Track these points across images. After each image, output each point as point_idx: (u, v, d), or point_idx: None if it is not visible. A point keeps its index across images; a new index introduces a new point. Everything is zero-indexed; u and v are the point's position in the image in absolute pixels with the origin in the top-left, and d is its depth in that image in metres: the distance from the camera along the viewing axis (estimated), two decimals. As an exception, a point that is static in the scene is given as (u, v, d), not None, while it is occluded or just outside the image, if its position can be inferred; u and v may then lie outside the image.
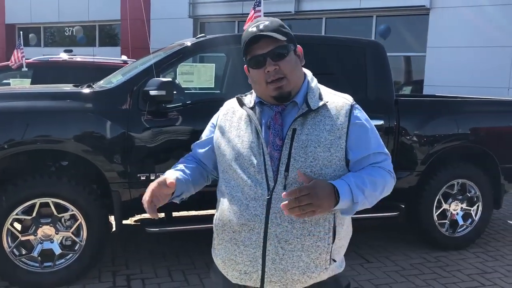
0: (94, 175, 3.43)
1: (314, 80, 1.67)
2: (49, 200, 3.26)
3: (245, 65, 1.65)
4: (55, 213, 3.29)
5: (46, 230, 3.29)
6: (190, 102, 3.72)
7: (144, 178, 3.39)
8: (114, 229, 3.68)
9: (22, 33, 8.25)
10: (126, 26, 14.89)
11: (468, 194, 4.34)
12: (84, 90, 3.60)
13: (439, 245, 4.29)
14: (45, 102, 3.37)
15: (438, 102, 4.64)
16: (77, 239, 3.36)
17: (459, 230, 4.35)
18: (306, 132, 1.54)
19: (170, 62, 3.64)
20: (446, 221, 4.29)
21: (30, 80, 6.34)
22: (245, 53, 1.59)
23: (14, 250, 3.26)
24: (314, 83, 1.64)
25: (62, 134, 3.26)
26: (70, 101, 3.44)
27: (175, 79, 3.87)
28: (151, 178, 3.40)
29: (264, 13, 5.95)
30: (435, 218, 4.23)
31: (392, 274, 3.78)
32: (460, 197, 4.32)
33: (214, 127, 1.73)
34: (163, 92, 3.26)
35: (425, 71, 11.63)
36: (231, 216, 1.57)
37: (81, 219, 3.33)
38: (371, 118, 1.66)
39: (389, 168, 1.62)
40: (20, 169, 3.40)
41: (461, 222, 4.34)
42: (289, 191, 1.40)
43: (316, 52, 3.85)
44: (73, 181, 3.30)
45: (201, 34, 3.97)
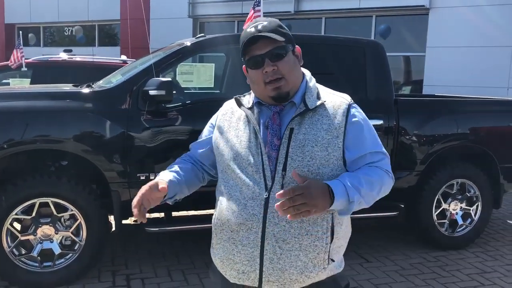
0: (94, 175, 3.43)
1: (313, 79, 1.67)
2: (48, 200, 3.26)
3: (243, 65, 1.65)
4: (55, 213, 3.29)
5: (45, 230, 3.29)
6: (189, 102, 3.72)
7: (143, 178, 3.39)
8: (113, 229, 3.68)
9: (21, 32, 8.24)
10: (125, 26, 14.89)
11: (467, 193, 4.34)
12: (83, 90, 3.60)
13: (439, 244, 4.30)
14: (44, 102, 3.37)
15: (437, 102, 4.65)
16: (76, 239, 3.36)
17: (459, 230, 4.36)
18: (303, 131, 1.54)
19: (169, 62, 3.64)
20: (445, 220, 4.30)
21: (29, 80, 6.34)
22: (243, 53, 1.59)
23: (14, 250, 3.26)
24: (312, 83, 1.65)
25: (62, 134, 3.26)
26: (69, 101, 3.44)
27: (175, 79, 3.87)
28: (151, 178, 3.40)
29: (263, 13, 5.95)
30: (435, 217, 4.23)
31: (391, 273, 3.79)
32: (459, 196, 4.32)
33: (213, 127, 1.73)
34: (163, 92, 3.26)
35: (424, 71, 11.64)
36: (229, 215, 1.58)
37: (80, 219, 3.33)
38: (371, 118, 1.67)
39: (386, 167, 1.61)
40: (19, 169, 3.40)
41: (460, 221, 4.34)
42: (282, 191, 1.39)
43: (315, 52, 3.85)
44: (72, 181, 3.30)
45: (200, 34, 3.97)
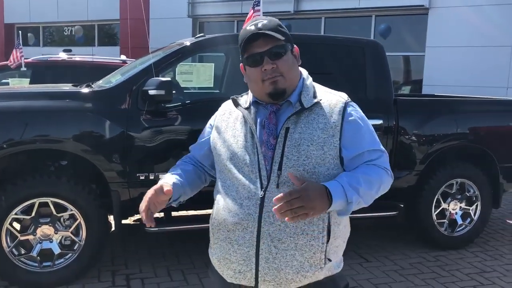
0: (93, 175, 3.43)
1: (309, 78, 1.67)
2: (48, 199, 3.26)
3: (241, 63, 1.65)
4: (54, 212, 3.29)
5: (45, 229, 3.29)
6: (189, 101, 3.72)
7: (143, 178, 3.39)
8: (113, 228, 3.68)
9: (21, 32, 8.24)
10: (125, 26, 14.89)
11: (467, 193, 4.34)
12: (83, 90, 3.60)
13: (438, 244, 4.30)
14: (44, 102, 3.37)
15: (437, 102, 4.65)
16: (76, 239, 3.36)
17: (458, 230, 4.36)
18: (299, 130, 1.54)
19: (169, 62, 3.64)
20: (445, 220, 4.30)
21: (29, 79, 6.34)
22: (242, 51, 1.59)
23: (13, 249, 3.26)
24: (309, 82, 1.65)
25: (61, 133, 3.26)
26: (69, 100, 3.44)
27: (174, 79, 3.87)
28: (150, 177, 3.40)
29: (263, 12, 5.94)
30: (434, 217, 4.23)
31: (391, 273, 3.79)
32: (459, 196, 4.32)
33: (212, 128, 1.74)
34: (162, 91, 3.26)
35: (424, 71, 11.65)
36: (226, 215, 1.58)
37: (80, 219, 3.33)
38: (370, 118, 1.66)
39: (385, 165, 1.60)
40: (19, 168, 3.40)
41: (460, 221, 4.35)
42: (279, 196, 1.38)
43: (315, 51, 3.85)
44: (72, 180, 3.30)
45: (200, 34, 3.97)
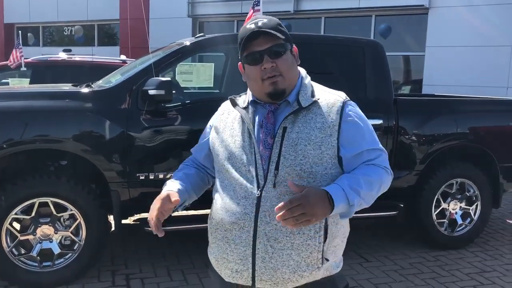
0: (93, 175, 3.42)
1: (308, 78, 1.67)
2: (48, 199, 3.26)
3: (239, 62, 1.65)
4: (54, 212, 3.29)
5: (45, 229, 3.29)
6: (189, 101, 3.72)
7: (143, 178, 3.39)
8: (113, 228, 3.68)
9: (21, 32, 8.24)
10: (125, 26, 14.89)
11: (467, 193, 4.34)
12: (83, 90, 3.60)
13: (438, 244, 4.30)
14: (44, 102, 3.36)
15: (437, 102, 4.65)
16: (76, 239, 3.36)
17: (458, 229, 4.36)
18: (296, 130, 1.54)
19: (169, 62, 3.64)
20: (445, 220, 4.30)
21: (29, 79, 6.34)
22: (242, 49, 1.58)
23: (13, 249, 3.26)
24: (307, 81, 1.65)
25: (61, 133, 3.26)
26: (69, 100, 3.44)
27: (174, 79, 3.87)
28: (150, 177, 3.40)
29: (263, 12, 5.94)
30: (434, 217, 4.23)
31: (391, 273, 3.79)
32: (459, 196, 4.32)
33: (211, 128, 1.75)
34: (162, 91, 3.26)
35: (424, 71, 11.65)
36: (223, 214, 1.58)
37: (80, 219, 3.33)
38: (370, 118, 1.66)
39: (384, 164, 1.60)
40: (19, 168, 3.40)
41: (460, 221, 4.34)
42: (280, 205, 1.38)
43: (315, 51, 3.85)
44: (72, 180, 3.30)
45: (200, 34, 3.97)
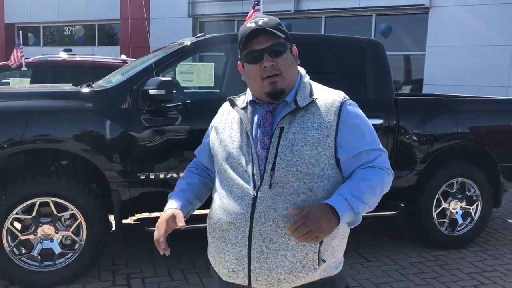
0: (94, 175, 3.43)
1: (307, 77, 1.66)
2: (49, 199, 3.26)
3: (239, 62, 1.65)
4: (55, 212, 3.30)
5: (46, 229, 3.30)
6: (189, 101, 3.72)
7: (143, 177, 3.39)
8: (113, 228, 3.68)
9: (21, 32, 8.25)
10: (125, 26, 14.89)
11: (467, 193, 4.34)
12: (83, 90, 3.60)
13: (439, 244, 4.30)
14: (44, 102, 3.37)
15: (437, 101, 4.64)
16: (77, 238, 3.36)
17: (459, 229, 4.36)
18: (293, 130, 1.54)
19: (169, 62, 3.64)
20: (445, 220, 4.29)
21: (29, 79, 6.34)
22: (242, 47, 1.58)
23: (14, 249, 3.27)
24: (306, 81, 1.64)
25: (62, 133, 3.26)
26: (69, 100, 3.44)
27: (175, 79, 3.87)
28: (151, 177, 3.40)
29: (263, 12, 5.95)
30: (435, 217, 4.23)
31: (391, 273, 3.79)
32: (459, 196, 4.32)
33: (212, 129, 1.75)
34: (163, 91, 3.26)
35: (424, 70, 11.64)
36: (221, 214, 1.59)
37: (80, 219, 3.33)
38: (371, 117, 1.65)
39: (384, 164, 1.59)
40: (20, 168, 3.40)
41: (460, 221, 4.34)
42: (288, 228, 1.42)
43: (315, 51, 3.85)
44: (72, 180, 3.31)
45: (200, 34, 3.97)
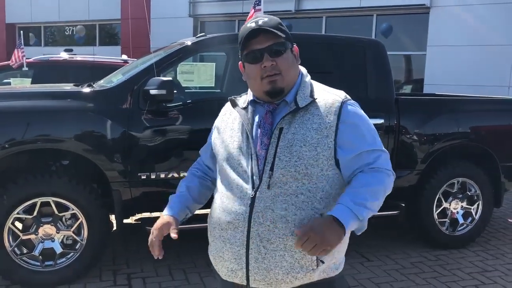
0: (95, 174, 3.43)
1: (308, 77, 1.66)
2: (50, 199, 3.27)
3: (240, 61, 1.65)
4: (56, 212, 3.30)
5: (47, 229, 3.30)
6: (190, 101, 3.73)
7: (144, 177, 3.40)
8: (114, 228, 3.69)
9: (22, 32, 8.25)
10: (126, 26, 14.89)
11: (468, 192, 4.34)
12: (84, 90, 3.61)
13: (439, 243, 4.30)
14: (45, 102, 3.37)
15: (438, 101, 4.64)
16: (78, 238, 3.37)
17: (460, 229, 4.36)
18: (292, 131, 1.53)
19: (170, 61, 3.64)
20: (446, 219, 4.29)
21: (30, 79, 6.35)
22: (242, 47, 1.58)
23: (15, 249, 3.27)
24: (307, 81, 1.64)
25: (63, 133, 3.26)
26: (70, 100, 3.44)
27: (176, 78, 3.88)
28: (152, 177, 3.41)
29: (264, 12, 5.95)
30: (435, 216, 4.23)
31: (392, 272, 3.79)
32: (460, 195, 4.32)
33: (214, 129, 1.76)
34: (164, 91, 3.26)
35: (425, 70, 11.63)
36: (220, 214, 1.60)
37: (82, 218, 3.34)
38: (371, 117, 1.64)
39: (385, 166, 1.57)
40: (21, 168, 3.41)
41: (461, 220, 4.34)
42: (294, 245, 1.44)
43: (316, 51, 3.85)
44: (73, 180, 3.31)
45: (201, 33, 3.97)
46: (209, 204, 1.76)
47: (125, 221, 3.77)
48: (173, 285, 3.46)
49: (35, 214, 3.26)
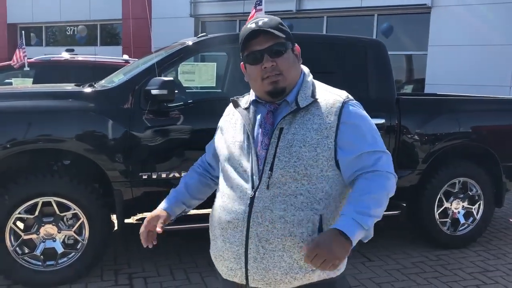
0: (96, 174, 3.44)
1: (310, 76, 1.66)
2: (51, 199, 3.27)
3: (241, 62, 1.65)
4: (58, 212, 3.30)
5: (48, 229, 3.31)
6: (191, 101, 3.73)
7: (146, 177, 3.40)
8: (116, 228, 3.69)
9: (23, 32, 8.26)
10: (127, 25, 14.90)
11: (469, 192, 4.34)
12: (85, 90, 3.61)
13: (441, 243, 4.29)
14: (47, 102, 3.38)
15: (439, 101, 4.64)
16: (79, 238, 3.37)
17: (461, 229, 4.35)
18: (292, 131, 1.53)
19: (171, 61, 3.64)
20: (447, 219, 4.29)
21: (32, 79, 6.36)
22: (242, 48, 1.58)
23: (17, 248, 3.28)
24: (309, 80, 1.63)
25: (64, 133, 3.27)
26: (72, 100, 3.45)
27: (177, 78, 3.88)
28: (153, 177, 3.41)
29: (265, 12, 5.95)
30: (437, 216, 4.23)
31: (393, 272, 3.79)
32: (461, 195, 4.32)
33: (218, 129, 1.77)
34: (165, 91, 3.27)
35: (426, 70, 11.62)
36: (221, 213, 1.60)
37: (83, 218, 3.34)
38: (372, 117, 1.63)
39: (386, 168, 1.54)
40: (22, 168, 3.41)
41: (462, 220, 4.34)
42: (304, 260, 1.42)
43: (317, 51, 3.85)
44: (75, 180, 3.31)
45: (202, 33, 3.97)
46: (209, 203, 1.76)
47: (126, 221, 3.77)
48: (174, 285, 3.46)
49: (37, 214, 3.27)
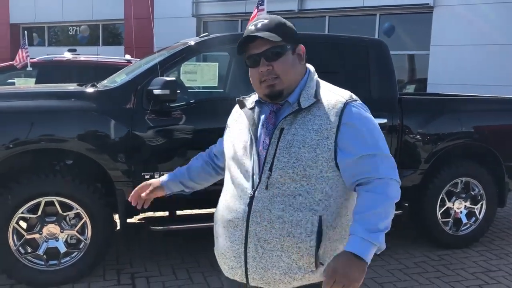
0: (99, 174, 3.44)
1: (315, 75, 1.65)
2: (54, 198, 3.28)
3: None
4: (60, 211, 3.31)
5: (51, 228, 3.32)
6: (193, 101, 3.73)
7: (148, 177, 3.40)
8: (118, 227, 3.70)
9: (26, 32, 8.28)
10: (129, 25, 14.92)
11: (471, 192, 4.33)
12: (88, 90, 3.62)
13: (443, 243, 4.29)
14: (49, 102, 3.38)
15: (441, 101, 4.64)
16: (82, 238, 3.38)
17: (463, 229, 4.35)
18: (292, 131, 1.53)
19: (173, 61, 3.65)
20: (449, 219, 4.29)
21: (34, 79, 6.37)
22: (242, 51, 1.60)
23: (20, 248, 3.29)
24: (313, 80, 1.62)
25: (67, 133, 3.28)
26: (74, 100, 3.46)
27: (179, 78, 3.88)
28: (155, 176, 3.41)
29: (267, 11, 5.94)
30: (439, 216, 4.22)
31: (395, 272, 3.78)
32: (463, 195, 4.31)
33: (227, 128, 1.78)
34: (167, 91, 3.28)
35: (428, 70, 11.60)
36: (223, 211, 1.62)
37: (85, 218, 3.35)
38: (375, 117, 1.61)
39: (388, 174, 1.50)
40: (25, 168, 3.42)
41: (464, 220, 4.34)
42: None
43: (319, 50, 3.85)
44: (77, 180, 3.32)
45: (204, 33, 3.98)
46: (211, 203, 1.78)
47: (128, 220, 3.77)
48: (176, 284, 3.47)
49: (39, 213, 3.28)
